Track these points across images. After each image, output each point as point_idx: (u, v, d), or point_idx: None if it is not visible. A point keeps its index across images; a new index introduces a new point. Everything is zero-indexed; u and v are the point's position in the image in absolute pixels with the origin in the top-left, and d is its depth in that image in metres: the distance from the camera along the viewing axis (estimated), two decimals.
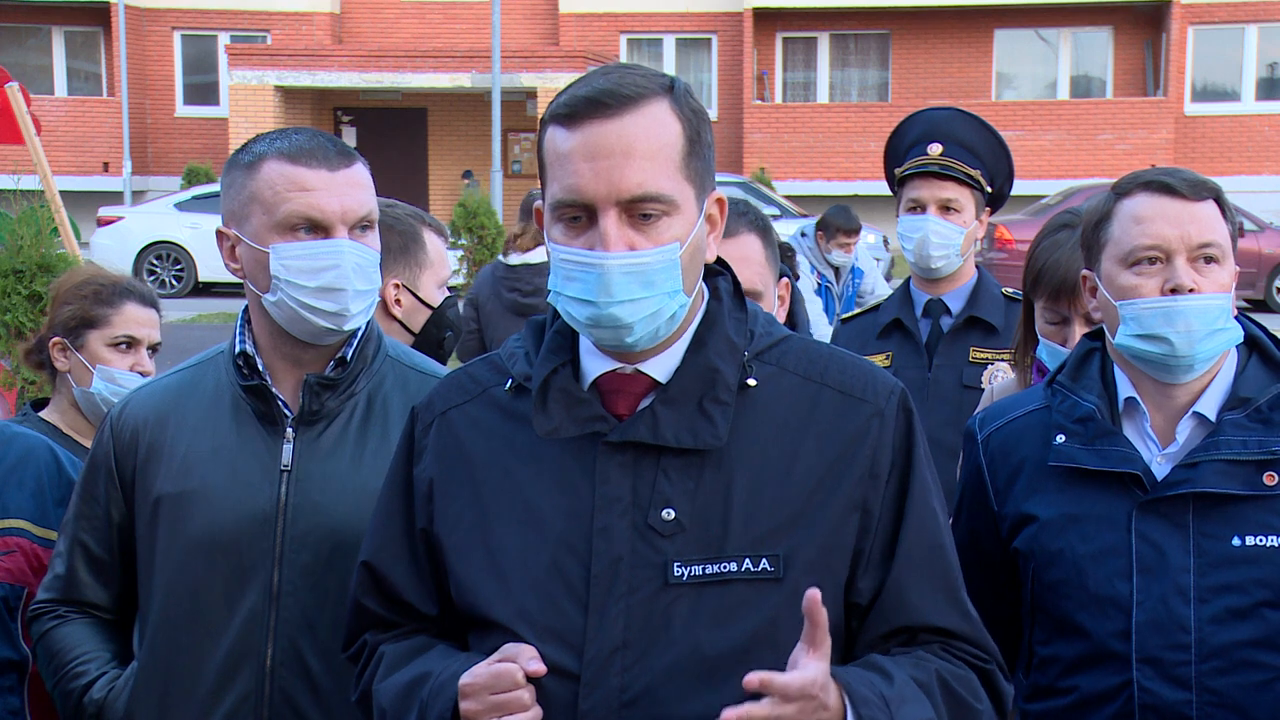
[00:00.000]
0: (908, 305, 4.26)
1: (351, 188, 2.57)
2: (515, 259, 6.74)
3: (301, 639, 2.54)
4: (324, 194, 2.54)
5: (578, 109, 2.01)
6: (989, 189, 4.15)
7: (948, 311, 4.20)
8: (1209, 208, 2.60)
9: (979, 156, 4.12)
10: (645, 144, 1.99)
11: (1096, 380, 2.69)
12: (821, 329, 7.69)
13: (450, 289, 3.68)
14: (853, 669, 2.01)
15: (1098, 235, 2.67)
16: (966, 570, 2.83)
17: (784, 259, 8.60)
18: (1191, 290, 2.55)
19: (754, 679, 1.89)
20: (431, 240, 3.57)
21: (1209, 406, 2.62)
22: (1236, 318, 2.64)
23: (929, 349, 4.17)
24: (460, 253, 17.72)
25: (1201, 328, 2.55)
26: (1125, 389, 2.66)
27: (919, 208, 4.13)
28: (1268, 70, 29.39)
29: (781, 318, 3.23)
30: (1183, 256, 2.57)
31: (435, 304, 3.53)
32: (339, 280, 2.54)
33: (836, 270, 9.34)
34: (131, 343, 3.60)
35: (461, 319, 3.68)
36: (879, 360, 4.06)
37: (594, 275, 1.99)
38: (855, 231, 9.35)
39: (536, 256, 6.65)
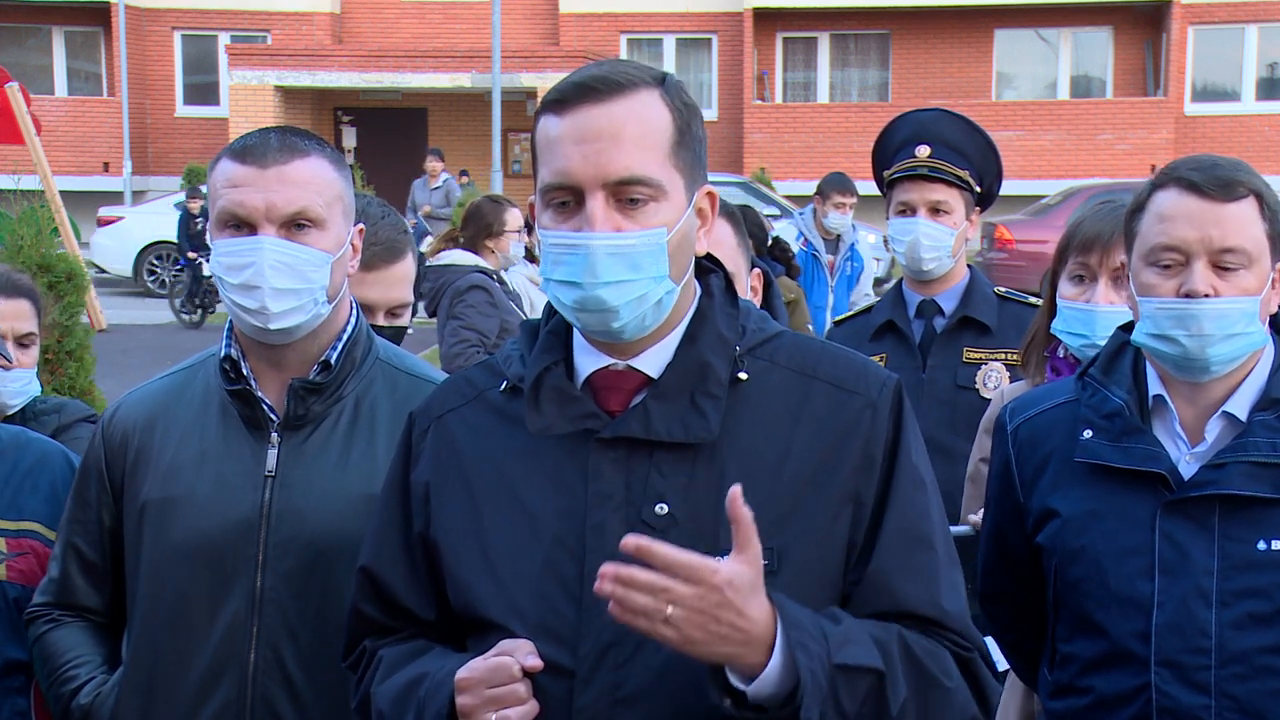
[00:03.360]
0: (900, 307, 4.26)
1: (282, 184, 2.52)
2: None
3: (283, 646, 2.53)
4: (248, 190, 2.51)
5: (568, 95, 2.03)
6: (978, 189, 4.15)
7: (940, 312, 4.21)
8: (1240, 209, 2.51)
9: (967, 157, 4.12)
10: (634, 129, 2.01)
11: (1128, 375, 2.62)
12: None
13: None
14: (799, 605, 1.96)
15: (1132, 225, 2.61)
16: (993, 563, 2.82)
17: (775, 252, 8.52)
18: (1207, 295, 2.48)
19: (630, 540, 1.86)
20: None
21: (1240, 406, 2.54)
22: (1274, 318, 2.57)
23: (923, 350, 4.17)
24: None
25: (1215, 332, 2.48)
26: (1155, 386, 2.60)
27: (909, 210, 4.14)
28: (1268, 70, 29.36)
29: None
30: (1202, 260, 2.49)
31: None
32: (255, 278, 2.51)
33: (838, 239, 9.32)
34: None
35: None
36: None
37: (580, 256, 2.01)
38: (850, 192, 9.38)
39: (445, 258, 6.65)
